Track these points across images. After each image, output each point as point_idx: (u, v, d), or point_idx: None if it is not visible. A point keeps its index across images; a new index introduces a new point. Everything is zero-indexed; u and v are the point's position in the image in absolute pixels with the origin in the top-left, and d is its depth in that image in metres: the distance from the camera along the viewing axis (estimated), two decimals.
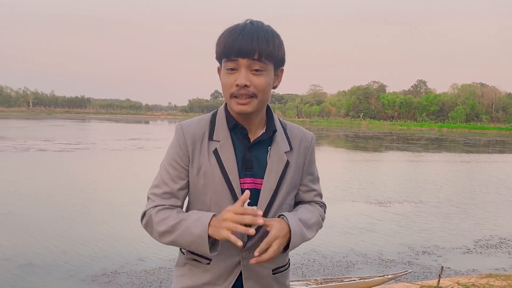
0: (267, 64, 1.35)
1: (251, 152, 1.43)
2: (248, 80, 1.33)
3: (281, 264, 1.53)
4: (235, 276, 1.44)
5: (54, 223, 9.69)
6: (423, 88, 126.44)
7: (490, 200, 14.36)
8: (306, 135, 1.55)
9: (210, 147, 1.42)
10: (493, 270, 7.35)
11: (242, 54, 1.31)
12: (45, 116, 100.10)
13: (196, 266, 1.47)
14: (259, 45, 1.31)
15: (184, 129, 1.45)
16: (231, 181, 1.39)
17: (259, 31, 1.34)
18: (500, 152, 37.60)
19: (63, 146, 26.97)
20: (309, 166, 1.56)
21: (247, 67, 1.33)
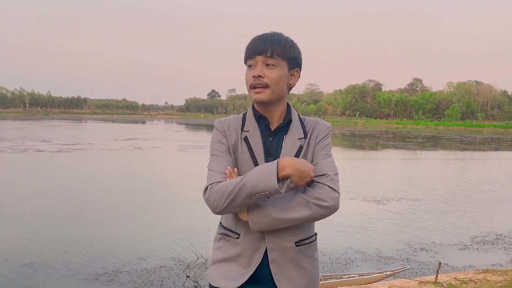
0: (279, 61, 1.64)
1: (272, 140, 1.69)
2: (262, 72, 1.63)
3: (304, 237, 1.67)
4: (262, 249, 1.62)
5: (54, 223, 9.74)
6: (419, 87, 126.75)
7: (486, 197, 14.49)
8: (320, 123, 1.76)
9: (242, 135, 1.70)
10: (489, 266, 7.46)
11: (258, 52, 1.63)
12: (42, 117, 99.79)
13: (228, 240, 1.69)
14: (272, 45, 1.62)
15: (222, 121, 1.77)
16: (258, 162, 1.64)
17: (274, 35, 1.65)
18: (495, 149, 37.82)
19: (61, 147, 26.96)
20: (319, 148, 1.70)
21: (263, 63, 1.63)
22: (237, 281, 1.63)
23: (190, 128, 70.01)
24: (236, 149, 1.69)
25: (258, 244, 1.62)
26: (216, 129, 1.77)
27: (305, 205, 1.54)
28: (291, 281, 1.63)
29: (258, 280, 1.64)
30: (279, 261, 1.62)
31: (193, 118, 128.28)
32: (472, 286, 5.61)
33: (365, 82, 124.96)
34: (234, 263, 1.65)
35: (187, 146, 31.00)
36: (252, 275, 1.64)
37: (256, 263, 1.62)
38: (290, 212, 1.54)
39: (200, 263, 7.48)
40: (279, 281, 1.62)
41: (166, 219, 10.40)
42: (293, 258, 1.63)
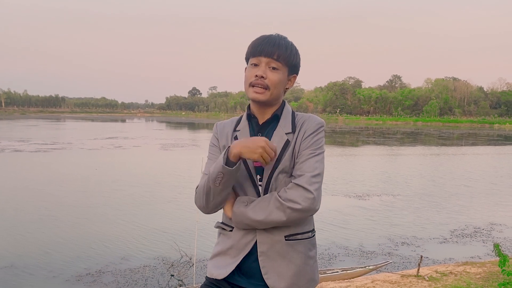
0: (282, 65, 1.69)
1: (260, 136, 1.72)
2: (265, 74, 1.67)
3: (295, 232, 1.66)
4: (252, 241, 1.65)
5: (34, 224, 9.57)
6: (398, 83, 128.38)
7: (464, 191, 14.80)
8: (311, 119, 1.75)
9: (233, 135, 1.77)
10: (469, 258, 7.63)
11: (265, 54, 1.66)
12: (19, 116, 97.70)
13: (223, 233, 1.75)
14: (279, 49, 1.67)
15: (218, 124, 1.86)
16: (246, 160, 1.68)
17: (281, 40, 1.70)
18: (472, 144, 38.62)
19: (39, 147, 26.47)
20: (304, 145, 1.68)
21: (266, 64, 1.67)
22: (224, 270, 1.68)
23: (171, 126, 69.50)
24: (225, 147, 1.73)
25: (249, 237, 1.65)
26: (212, 133, 1.85)
27: (280, 208, 1.57)
28: (279, 275, 1.63)
29: (248, 273, 1.67)
30: (268, 254, 1.63)
31: (174, 116, 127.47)
32: (453, 278, 5.74)
33: (345, 79, 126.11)
34: (226, 256, 1.70)
35: (169, 145, 30.79)
36: (243, 268, 1.67)
37: (243, 254, 1.66)
38: (267, 215, 1.58)
39: (184, 261, 7.46)
40: (266, 274, 1.63)
41: (149, 218, 10.32)
42: (282, 252, 1.63)
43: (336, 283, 5.80)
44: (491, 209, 12.02)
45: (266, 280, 1.62)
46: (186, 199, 12.29)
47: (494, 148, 34.58)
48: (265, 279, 1.63)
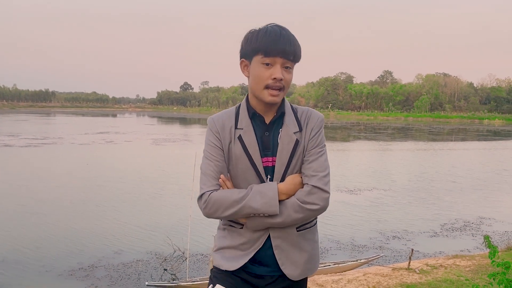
0: (294, 64, 1.69)
1: (269, 135, 1.72)
2: (283, 75, 1.64)
3: (304, 222, 1.73)
4: (265, 235, 1.70)
5: (26, 219, 9.53)
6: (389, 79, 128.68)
7: (454, 186, 14.97)
8: (314, 116, 1.76)
9: (235, 134, 1.71)
10: (458, 252, 7.74)
11: (282, 54, 1.62)
12: (8, 111, 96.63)
13: (232, 230, 1.75)
14: (295, 49, 1.65)
15: (215, 119, 1.77)
16: (254, 161, 1.68)
17: (292, 37, 1.66)
18: (462, 140, 38.98)
19: (30, 141, 26.24)
20: (312, 144, 1.72)
21: (282, 64, 1.64)
22: (237, 262, 1.71)
23: (163, 121, 69.24)
24: (231, 148, 1.71)
25: (261, 232, 1.69)
26: (209, 129, 1.77)
27: (298, 210, 1.63)
28: (294, 263, 1.71)
29: (262, 262, 1.73)
30: (282, 246, 1.70)
31: (166, 111, 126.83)
32: (443, 271, 5.83)
33: (337, 74, 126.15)
34: (237, 250, 1.73)
35: (161, 139, 30.69)
36: (257, 258, 1.72)
37: (258, 247, 1.70)
38: (285, 217, 1.63)
39: (177, 256, 7.48)
40: (283, 265, 1.70)
41: (142, 213, 10.32)
42: (295, 242, 1.71)
43: (328, 276, 5.86)
44: (480, 204, 12.19)
45: (284, 270, 1.70)
46: (179, 194, 12.29)
47: (484, 144, 34.93)
48: (282, 269, 1.71)
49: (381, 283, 5.34)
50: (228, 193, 1.65)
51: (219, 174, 1.70)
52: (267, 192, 1.61)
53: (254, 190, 1.63)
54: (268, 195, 1.61)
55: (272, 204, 1.60)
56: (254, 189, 1.64)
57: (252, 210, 1.61)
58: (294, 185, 1.66)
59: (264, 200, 1.60)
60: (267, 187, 1.63)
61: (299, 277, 1.73)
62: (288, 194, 1.64)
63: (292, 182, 1.66)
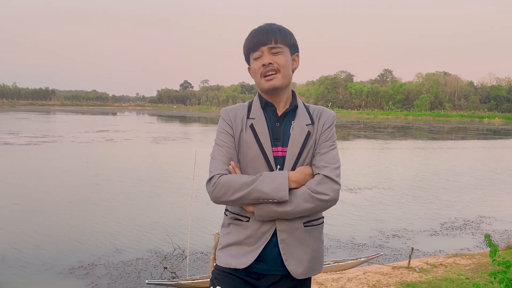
0: (283, 47, 1.72)
1: (279, 126, 1.74)
2: (272, 59, 1.70)
3: (312, 218, 1.73)
4: (272, 230, 1.68)
5: (25, 217, 9.52)
6: (389, 77, 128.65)
7: (454, 184, 14.97)
8: (326, 111, 1.81)
9: (247, 123, 1.75)
10: (458, 250, 7.74)
11: (262, 43, 1.70)
12: (8, 109, 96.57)
13: (237, 224, 1.73)
14: (274, 34, 1.71)
15: (228, 110, 1.81)
16: (265, 150, 1.70)
17: (271, 25, 1.74)
18: (462, 138, 38.98)
19: (30, 140, 26.23)
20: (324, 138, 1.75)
21: (269, 52, 1.70)
22: (245, 259, 1.69)
23: (163, 119, 69.20)
24: (242, 137, 1.73)
25: (268, 225, 1.68)
26: (222, 119, 1.79)
27: (309, 199, 1.62)
28: (298, 260, 1.69)
29: (267, 260, 1.70)
30: (288, 241, 1.68)
31: (166, 110, 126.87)
32: (443, 269, 5.82)
33: (337, 73, 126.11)
34: (244, 245, 1.70)
35: (160, 138, 30.69)
36: (262, 255, 1.69)
37: (264, 242, 1.68)
38: (294, 206, 1.62)
39: (177, 254, 7.48)
40: (288, 261, 1.68)
41: (142, 211, 10.32)
42: (301, 238, 1.69)
43: (328, 275, 5.86)
44: (480, 202, 12.19)
45: (287, 266, 1.68)
46: (179, 192, 12.29)
47: (483, 142, 34.93)
48: (286, 265, 1.68)
49: (381, 281, 5.34)
50: (238, 177, 1.65)
51: (229, 160, 1.71)
52: (277, 178, 1.62)
53: (264, 175, 1.63)
54: (278, 180, 1.61)
55: (282, 189, 1.59)
56: (264, 174, 1.64)
57: (261, 194, 1.60)
58: (304, 175, 1.67)
59: (274, 185, 1.60)
60: (277, 174, 1.64)
61: (302, 275, 1.70)
62: (298, 182, 1.65)
63: (302, 172, 1.67)
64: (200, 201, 10.41)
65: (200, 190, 12.01)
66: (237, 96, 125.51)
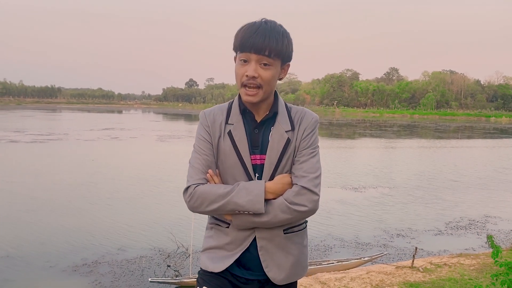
0: (275, 60, 1.58)
1: (258, 133, 1.67)
2: (257, 72, 1.56)
3: (292, 225, 1.68)
4: (251, 236, 1.65)
5: (30, 215, 9.57)
6: (395, 76, 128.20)
7: (459, 184, 14.88)
8: (308, 115, 1.71)
9: (225, 129, 1.67)
10: (463, 250, 7.70)
11: (254, 50, 1.54)
12: (14, 107, 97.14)
13: (218, 229, 1.71)
14: (270, 43, 1.54)
15: (206, 114, 1.72)
16: (243, 158, 1.64)
17: (271, 31, 1.56)
18: (468, 137, 38.75)
19: (35, 137, 26.38)
20: (304, 145, 1.66)
21: (257, 61, 1.56)
22: (222, 263, 1.66)
23: (168, 117, 69.36)
24: (220, 143, 1.67)
25: (247, 232, 1.64)
26: (200, 123, 1.72)
27: (286, 210, 1.57)
28: (279, 267, 1.66)
29: (247, 265, 1.68)
30: (268, 248, 1.64)
31: (171, 108, 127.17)
32: (447, 269, 5.79)
33: (343, 71, 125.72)
34: (223, 250, 1.68)
35: (166, 136, 30.75)
36: (242, 260, 1.67)
37: (243, 248, 1.65)
38: (271, 217, 1.58)
39: (181, 252, 7.48)
40: (268, 267, 1.65)
41: (146, 209, 10.34)
42: (281, 245, 1.65)
43: (331, 274, 5.84)
44: (486, 202, 12.11)
45: (267, 272, 1.65)
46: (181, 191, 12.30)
47: (490, 141, 34.71)
48: (266, 272, 1.65)
49: (384, 281, 5.32)
50: (214, 188, 1.61)
51: (207, 168, 1.67)
52: (253, 189, 1.57)
53: (240, 186, 1.58)
54: (254, 192, 1.56)
55: (258, 201, 1.55)
56: (240, 185, 1.59)
57: (236, 207, 1.56)
58: (282, 185, 1.61)
59: (249, 197, 1.56)
60: (254, 185, 1.58)
61: (284, 281, 1.67)
62: (275, 193, 1.59)
63: (280, 182, 1.61)
64: None
65: None
66: None
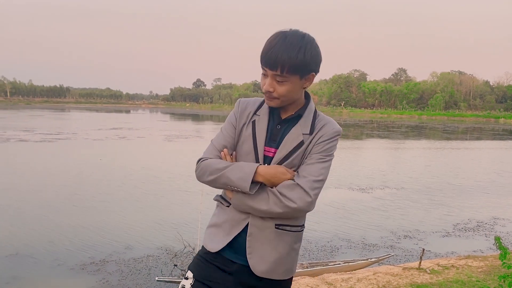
0: (289, 77, 1.62)
1: (280, 128, 1.74)
2: (272, 87, 1.65)
3: (286, 222, 1.71)
4: (245, 221, 1.72)
5: (39, 213, 9.65)
6: (403, 76, 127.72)
7: (468, 185, 14.77)
8: (330, 125, 1.75)
9: (252, 118, 1.78)
10: (471, 252, 7.65)
11: (268, 66, 1.61)
12: (24, 106, 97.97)
13: (221, 207, 1.82)
14: (283, 61, 1.57)
15: (241, 102, 1.86)
16: (257, 147, 1.73)
17: (287, 47, 1.57)
18: (477, 139, 38.45)
19: (44, 137, 26.58)
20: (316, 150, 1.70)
21: (272, 76, 1.63)
22: (217, 245, 1.75)
23: (175, 117, 69.56)
24: (243, 130, 1.78)
25: (243, 216, 1.72)
26: (233, 110, 1.86)
27: (277, 202, 1.62)
28: (261, 258, 1.69)
29: (237, 249, 1.74)
30: (256, 237, 1.69)
31: (179, 108, 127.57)
32: (454, 271, 5.75)
33: (350, 72, 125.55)
34: (220, 229, 1.77)
35: (173, 136, 30.85)
36: (233, 244, 1.74)
37: (236, 232, 1.72)
38: (265, 205, 1.64)
39: (188, 252, 7.50)
40: (250, 254, 1.70)
41: (153, 208, 10.39)
42: (269, 238, 1.69)
43: (338, 275, 5.83)
44: (494, 204, 12.01)
45: (249, 259, 1.69)
46: (190, 190, 12.34)
47: (499, 143, 34.41)
48: (248, 259, 1.70)
49: (391, 282, 5.30)
50: (216, 162, 1.73)
51: (223, 147, 1.78)
52: (245, 168, 1.65)
53: (236, 164, 1.69)
54: (245, 170, 1.64)
55: (245, 180, 1.62)
56: (237, 163, 1.70)
57: (227, 181, 1.66)
58: (275, 170, 1.66)
59: (240, 175, 1.64)
60: (247, 164, 1.67)
61: (263, 274, 1.70)
62: (265, 177, 1.64)
63: (274, 167, 1.67)
64: (211, 198, 10.41)
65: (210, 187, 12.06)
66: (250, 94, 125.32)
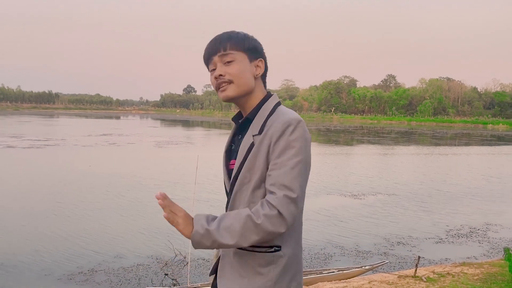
0: (236, 54, 1.56)
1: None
2: (223, 71, 1.56)
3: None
4: None
5: (24, 222, 9.42)
6: (392, 83, 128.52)
7: (459, 191, 14.79)
8: (279, 120, 1.48)
9: None
10: (465, 259, 7.59)
11: (212, 53, 1.58)
12: (12, 112, 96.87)
13: None
14: (222, 41, 1.57)
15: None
16: (224, 162, 1.67)
17: (223, 33, 1.60)
18: (466, 144, 38.75)
19: (32, 143, 26.20)
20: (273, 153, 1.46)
21: (221, 62, 1.57)
22: (209, 270, 1.76)
23: (166, 123, 69.24)
24: None
25: None
26: None
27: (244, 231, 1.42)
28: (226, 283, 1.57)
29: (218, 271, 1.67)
30: (225, 258, 1.60)
31: (169, 114, 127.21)
32: (450, 279, 5.68)
33: (340, 78, 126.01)
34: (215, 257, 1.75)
35: (164, 142, 30.62)
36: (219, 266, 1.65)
37: (219, 254, 1.67)
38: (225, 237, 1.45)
39: (178, 260, 7.36)
40: (219, 278, 1.61)
41: (143, 216, 10.21)
42: (231, 262, 1.56)
43: (332, 284, 5.73)
44: (486, 209, 12.02)
45: (218, 282, 1.61)
46: (181, 197, 12.17)
47: (488, 149, 34.71)
48: (217, 283, 1.62)
49: None
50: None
51: None
52: None
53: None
54: None
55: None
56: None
57: None
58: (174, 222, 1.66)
59: None
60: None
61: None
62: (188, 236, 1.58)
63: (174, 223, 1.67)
64: (202, 206, 10.31)
65: (201, 194, 11.91)
66: None
